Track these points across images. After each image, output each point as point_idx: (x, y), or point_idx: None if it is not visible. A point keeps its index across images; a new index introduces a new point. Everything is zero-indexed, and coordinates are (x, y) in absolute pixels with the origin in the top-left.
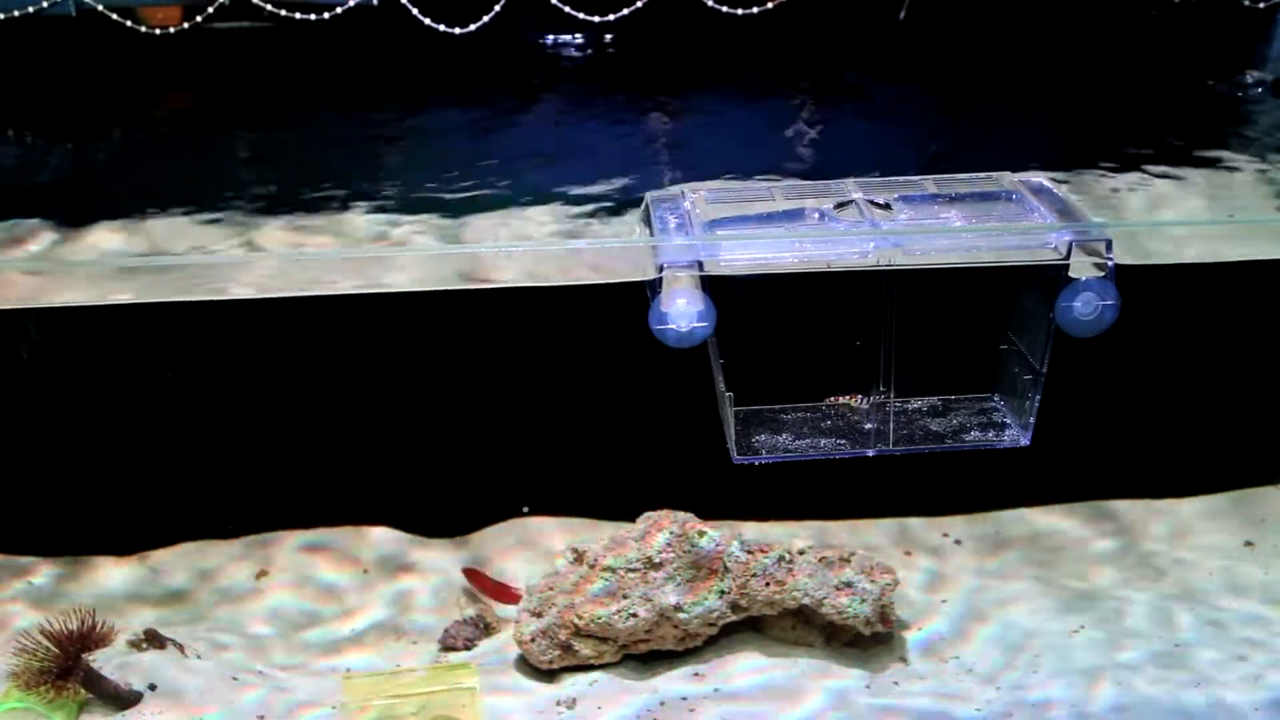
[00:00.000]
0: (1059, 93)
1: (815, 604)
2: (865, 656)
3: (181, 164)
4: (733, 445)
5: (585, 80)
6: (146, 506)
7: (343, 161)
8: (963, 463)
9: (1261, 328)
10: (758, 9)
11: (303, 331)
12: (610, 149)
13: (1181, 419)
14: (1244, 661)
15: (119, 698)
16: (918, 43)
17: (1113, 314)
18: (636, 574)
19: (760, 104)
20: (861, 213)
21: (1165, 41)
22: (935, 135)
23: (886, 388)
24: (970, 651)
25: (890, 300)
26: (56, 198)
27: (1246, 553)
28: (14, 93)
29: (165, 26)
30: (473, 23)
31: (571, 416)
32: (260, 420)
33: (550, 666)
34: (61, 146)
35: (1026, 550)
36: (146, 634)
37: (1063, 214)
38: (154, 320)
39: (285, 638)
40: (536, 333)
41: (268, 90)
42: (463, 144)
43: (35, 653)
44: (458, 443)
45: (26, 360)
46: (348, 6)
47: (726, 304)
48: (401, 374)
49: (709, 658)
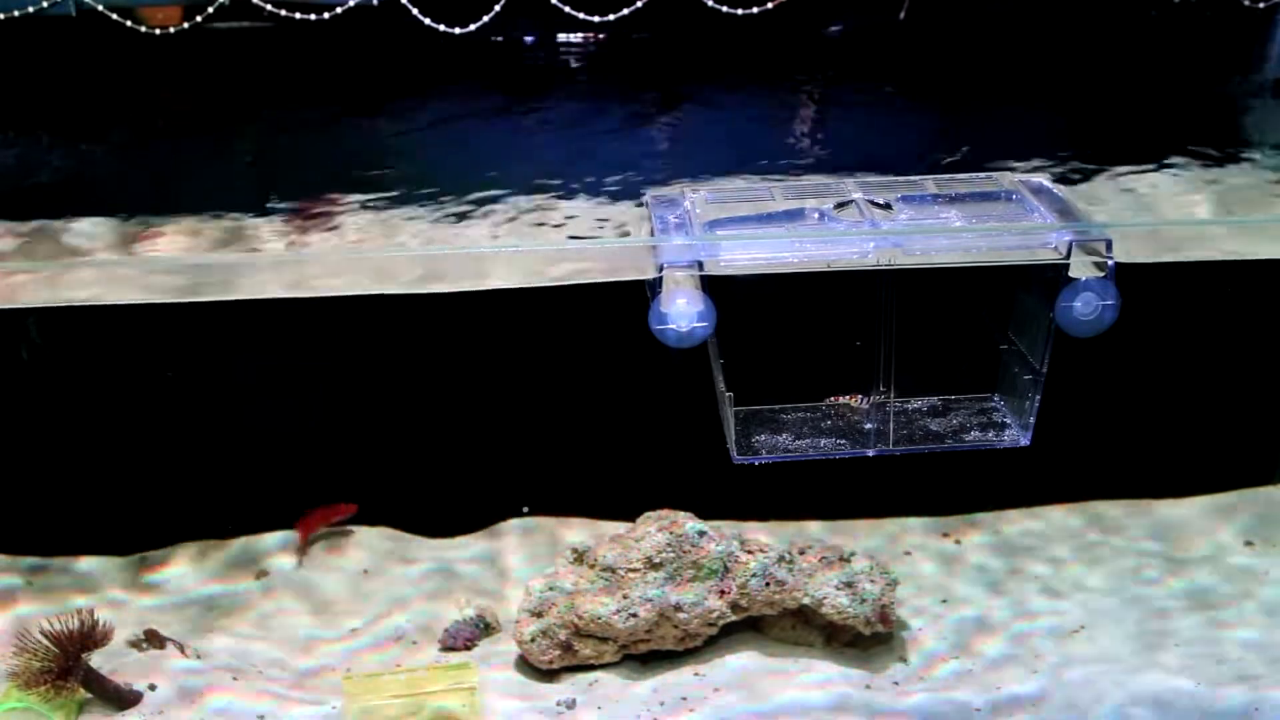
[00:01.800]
0: (1058, 93)
1: (815, 604)
2: (865, 656)
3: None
4: (733, 445)
5: (586, 80)
6: (146, 506)
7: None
8: (963, 463)
9: (1261, 328)
10: (757, 9)
11: (303, 332)
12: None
13: (1181, 419)
14: (1243, 663)
15: (119, 698)
16: (917, 43)
17: (1113, 314)
18: (636, 574)
19: (759, 104)
20: (861, 213)
21: (1165, 41)
22: (936, 136)
23: (886, 388)
24: (970, 651)
25: (890, 300)
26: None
27: (1246, 552)
28: (14, 93)
29: (165, 26)
30: (473, 23)
31: (572, 417)
32: (260, 420)
33: (550, 666)
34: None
35: (1026, 550)
36: (146, 634)
37: (1063, 214)
38: (154, 320)
39: (285, 638)
40: (537, 333)
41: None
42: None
43: (35, 652)
44: (458, 443)
45: (26, 360)
46: (348, 6)
47: (726, 304)
48: (402, 374)
49: (709, 658)
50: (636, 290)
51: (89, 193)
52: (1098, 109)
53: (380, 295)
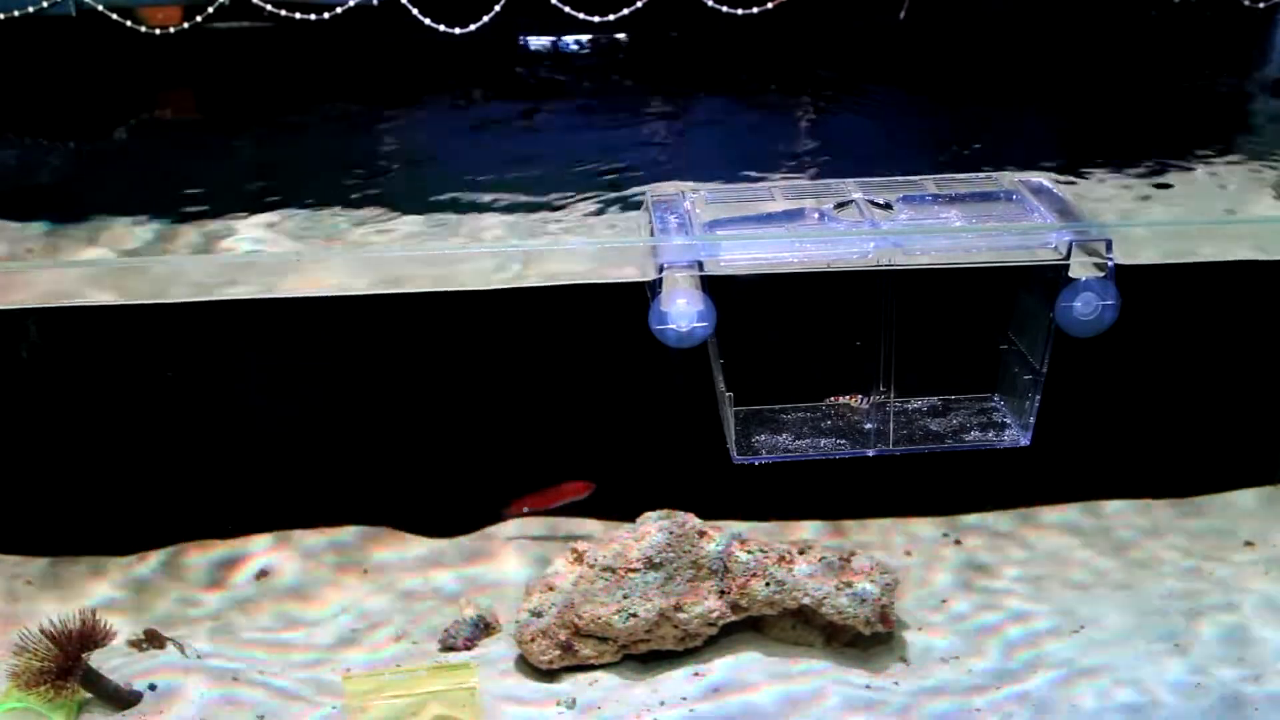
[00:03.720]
0: (1058, 93)
1: (815, 604)
2: (865, 656)
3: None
4: (733, 445)
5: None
6: (146, 506)
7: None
8: (963, 463)
9: (1261, 328)
10: (758, 9)
11: (303, 332)
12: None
13: (1182, 419)
14: (1242, 662)
15: (119, 698)
16: (916, 43)
17: (1113, 314)
18: (636, 574)
19: (760, 103)
20: (861, 213)
21: (1165, 41)
22: (939, 137)
23: (886, 388)
24: (970, 651)
25: (890, 300)
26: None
27: (1247, 552)
28: (13, 93)
29: (165, 26)
30: (473, 23)
31: (571, 417)
32: (260, 420)
33: (550, 666)
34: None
35: (1026, 550)
36: (146, 634)
37: (1062, 214)
38: (154, 320)
39: (285, 638)
40: (537, 333)
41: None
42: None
43: (35, 652)
44: (458, 443)
45: (26, 360)
46: (348, 6)
47: (726, 304)
48: (401, 374)
49: (709, 658)
50: (637, 291)
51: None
52: (1098, 109)
53: (380, 295)
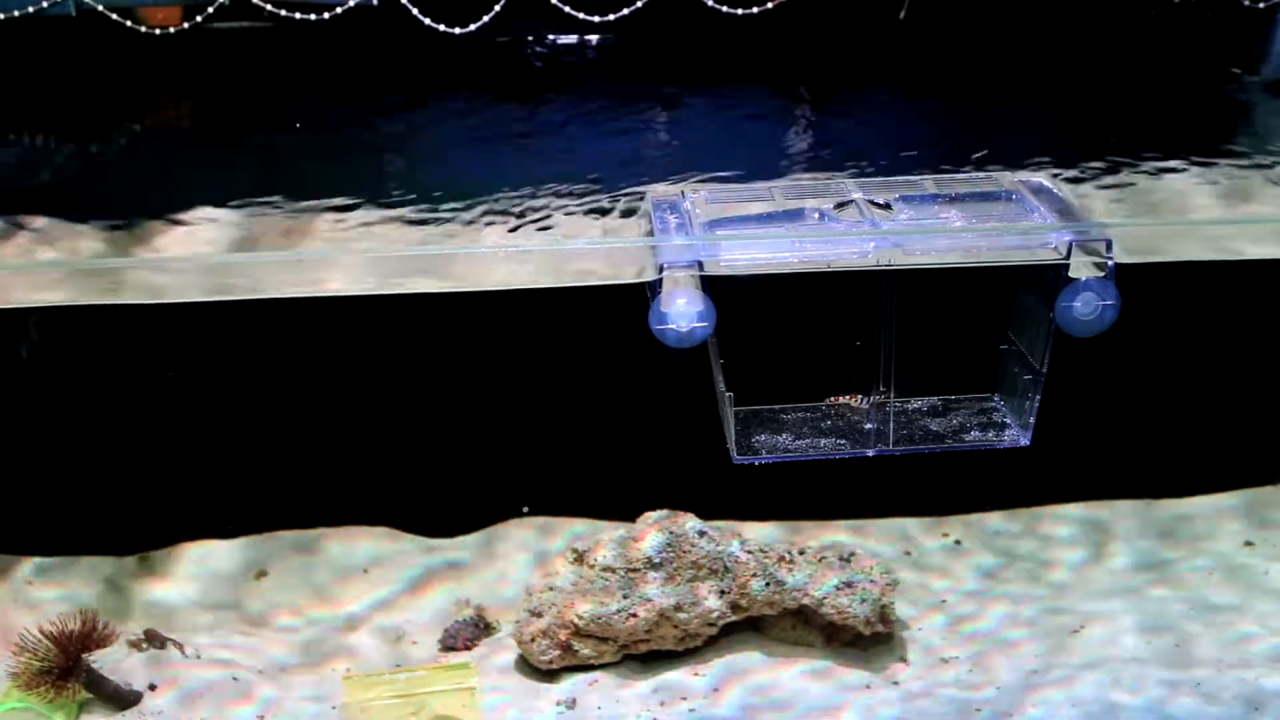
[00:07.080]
0: (1058, 93)
1: (815, 604)
2: (865, 656)
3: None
4: (733, 445)
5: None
6: (146, 506)
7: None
8: (963, 463)
9: (1262, 328)
10: (758, 9)
11: (303, 332)
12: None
13: (1182, 419)
14: (1242, 664)
15: (119, 698)
16: (916, 43)
17: (1113, 314)
18: (637, 574)
19: (759, 103)
20: (861, 213)
21: (1165, 41)
22: (939, 138)
23: (886, 388)
24: (970, 651)
25: (890, 300)
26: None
27: (1247, 552)
28: (14, 93)
29: (165, 26)
30: (473, 23)
31: (572, 417)
32: (260, 420)
33: (550, 666)
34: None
35: (1026, 550)
36: (146, 634)
37: (1063, 214)
38: (154, 320)
39: (285, 638)
40: (537, 333)
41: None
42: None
43: (36, 653)
44: (458, 443)
45: (26, 360)
46: (348, 6)
47: (726, 304)
48: (401, 374)
49: (709, 658)
50: (636, 291)
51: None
52: (1096, 109)
53: (380, 295)
